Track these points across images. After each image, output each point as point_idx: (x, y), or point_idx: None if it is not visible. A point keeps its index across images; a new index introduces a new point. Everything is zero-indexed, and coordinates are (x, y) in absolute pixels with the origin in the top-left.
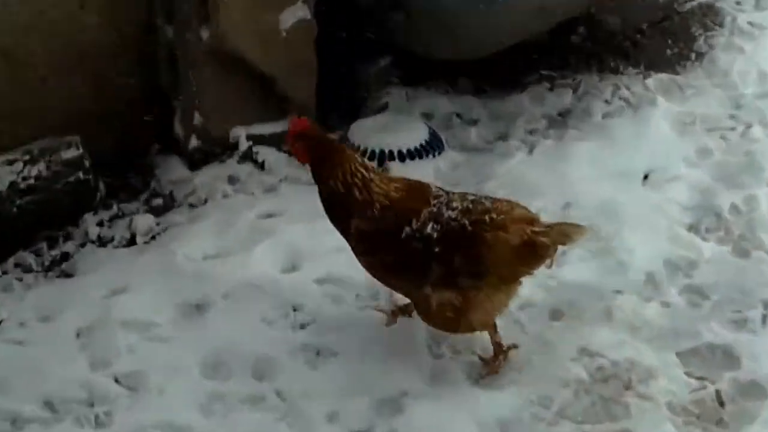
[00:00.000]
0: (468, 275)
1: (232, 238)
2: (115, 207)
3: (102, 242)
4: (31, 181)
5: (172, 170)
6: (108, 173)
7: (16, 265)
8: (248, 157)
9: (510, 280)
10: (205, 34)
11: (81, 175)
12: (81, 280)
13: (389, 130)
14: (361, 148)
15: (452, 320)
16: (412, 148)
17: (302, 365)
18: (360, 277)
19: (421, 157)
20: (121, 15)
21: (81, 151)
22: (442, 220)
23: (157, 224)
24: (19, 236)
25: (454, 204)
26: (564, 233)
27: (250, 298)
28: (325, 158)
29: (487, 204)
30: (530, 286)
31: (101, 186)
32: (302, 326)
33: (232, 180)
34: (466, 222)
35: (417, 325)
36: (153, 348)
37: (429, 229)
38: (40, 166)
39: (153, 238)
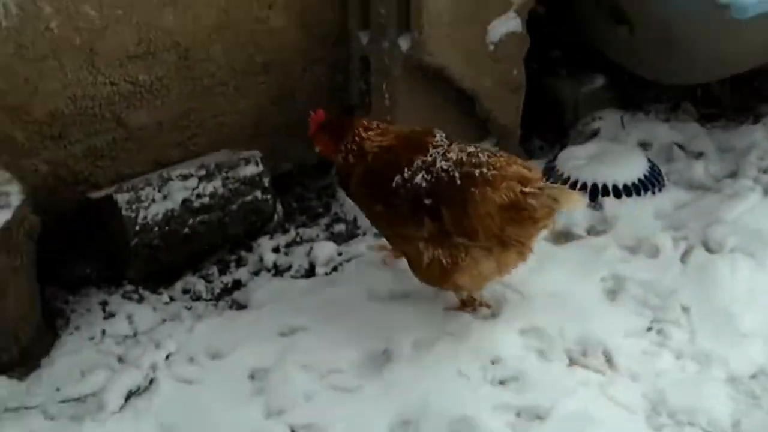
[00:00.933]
0: (460, 233)
1: None
2: (293, 231)
3: (278, 271)
4: (206, 200)
5: None
6: (287, 193)
7: (185, 291)
8: None
9: (502, 244)
10: (403, 42)
11: (259, 194)
12: (255, 314)
13: (602, 161)
14: (571, 179)
15: (438, 278)
16: (629, 183)
17: (503, 428)
18: (571, 331)
19: (638, 194)
20: (311, 18)
21: (261, 168)
22: (434, 170)
23: (339, 254)
24: (188, 259)
25: (450, 154)
26: (554, 197)
27: (442, 347)
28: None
29: (483, 158)
30: None
31: (279, 208)
32: (501, 382)
33: None
34: (457, 174)
35: None
36: (334, 398)
37: (419, 179)
38: (216, 183)
39: (335, 269)
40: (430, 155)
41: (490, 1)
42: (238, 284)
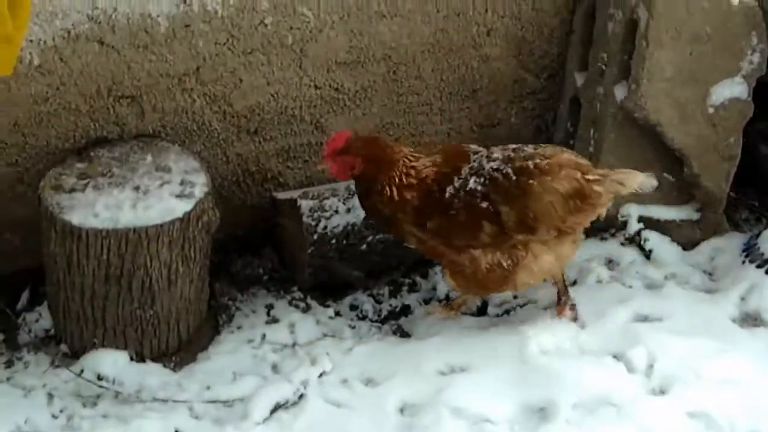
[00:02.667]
0: (518, 229)
1: (595, 336)
2: None
3: (448, 303)
4: None
5: None
6: None
7: (352, 307)
8: (635, 241)
9: (560, 233)
10: (619, 91)
11: None
12: (417, 345)
13: None
14: None
15: (499, 282)
16: None
17: None
18: (743, 424)
19: None
20: (527, 50)
21: None
22: (484, 173)
23: (514, 297)
24: (360, 276)
25: (495, 155)
26: (619, 181)
27: (604, 415)
28: (380, 164)
29: (529, 150)
30: None
31: None
32: None
33: (610, 264)
34: (510, 170)
35: None
36: None
37: (472, 183)
38: None
39: (506, 312)
40: (474, 160)
41: (718, 62)
42: (406, 310)
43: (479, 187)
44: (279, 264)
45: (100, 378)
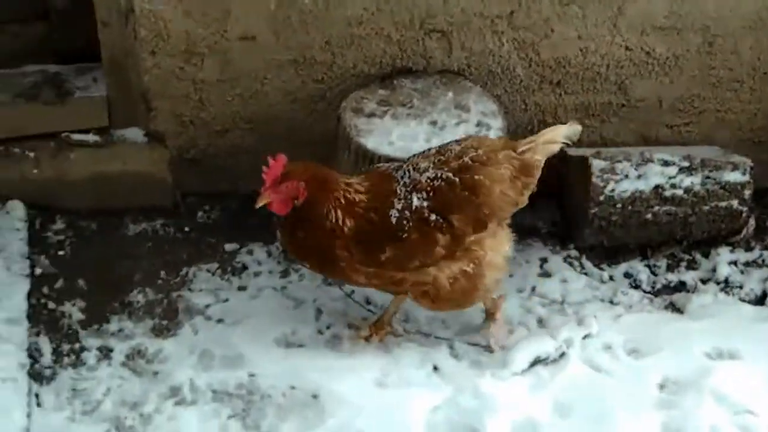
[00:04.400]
0: (472, 230)
1: None
2: (757, 251)
3: (727, 286)
4: (679, 192)
5: None
6: (765, 210)
7: (626, 275)
8: None
9: (506, 217)
10: None
11: (736, 203)
12: (688, 324)
13: None
14: None
15: (468, 291)
16: None
17: None
18: None
19: None
20: None
21: (747, 177)
22: (423, 186)
23: None
24: (641, 244)
25: (422, 164)
26: (549, 141)
27: None
28: (324, 184)
29: (454, 146)
30: None
31: (751, 223)
32: None
33: None
34: (450, 174)
35: None
36: None
37: (416, 201)
38: (695, 179)
39: None
40: (402, 177)
41: None
42: (681, 286)
43: (425, 203)
44: (560, 219)
45: (368, 302)
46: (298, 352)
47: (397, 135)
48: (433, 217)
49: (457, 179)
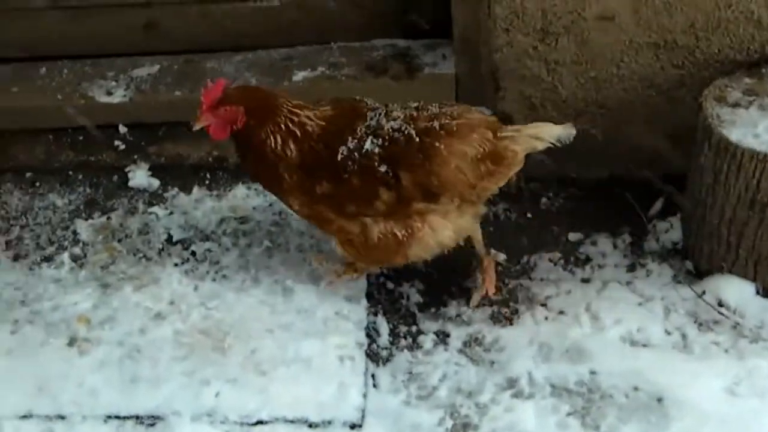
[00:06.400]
0: (419, 198)
1: None
2: None
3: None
4: None
5: None
6: None
7: None
8: None
9: (463, 203)
10: None
11: None
12: None
13: None
14: None
15: (389, 254)
16: None
17: None
18: None
19: None
20: None
21: None
22: (383, 133)
23: None
24: None
25: (395, 113)
26: (534, 136)
27: None
28: (263, 111)
29: (434, 109)
30: None
31: None
32: None
33: None
34: (413, 131)
35: None
36: None
37: (369, 144)
38: None
39: None
40: (371, 118)
41: None
42: None
43: (377, 149)
44: None
45: (720, 304)
46: (642, 352)
47: (763, 127)
48: (382, 168)
49: (417, 139)
